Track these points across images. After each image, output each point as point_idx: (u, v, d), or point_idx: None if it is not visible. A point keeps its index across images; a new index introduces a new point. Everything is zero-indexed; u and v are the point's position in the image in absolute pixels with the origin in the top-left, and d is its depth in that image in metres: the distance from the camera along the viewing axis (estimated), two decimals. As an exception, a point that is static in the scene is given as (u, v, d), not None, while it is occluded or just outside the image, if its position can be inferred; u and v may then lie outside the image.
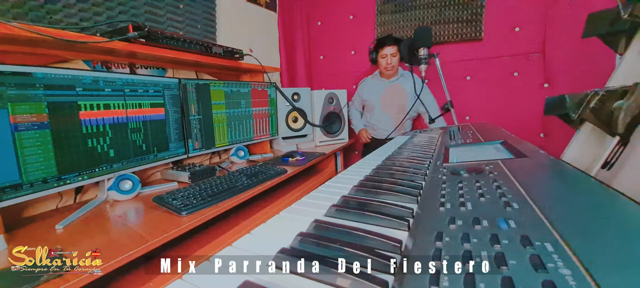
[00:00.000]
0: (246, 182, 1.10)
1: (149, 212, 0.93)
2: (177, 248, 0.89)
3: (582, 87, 1.94)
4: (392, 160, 0.64)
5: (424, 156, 0.63)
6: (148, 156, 1.16)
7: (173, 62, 1.38)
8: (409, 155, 0.65)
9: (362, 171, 0.60)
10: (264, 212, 1.20)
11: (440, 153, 0.59)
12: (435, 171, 0.49)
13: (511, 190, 0.36)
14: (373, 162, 0.66)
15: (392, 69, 1.97)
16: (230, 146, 1.54)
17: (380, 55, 1.98)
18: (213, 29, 1.66)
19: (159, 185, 1.20)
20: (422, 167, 0.52)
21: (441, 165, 0.52)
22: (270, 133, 1.80)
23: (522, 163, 0.46)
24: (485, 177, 0.42)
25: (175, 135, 1.26)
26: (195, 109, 1.34)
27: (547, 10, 1.98)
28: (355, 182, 0.52)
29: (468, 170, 0.45)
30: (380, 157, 0.73)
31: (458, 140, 0.74)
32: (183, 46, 1.12)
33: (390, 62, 1.94)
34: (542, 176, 0.42)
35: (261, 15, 2.17)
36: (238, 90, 1.54)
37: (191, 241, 0.96)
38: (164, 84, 1.21)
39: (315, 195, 0.52)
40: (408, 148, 0.75)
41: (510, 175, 0.40)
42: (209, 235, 0.99)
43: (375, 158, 0.72)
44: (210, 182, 1.10)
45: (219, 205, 0.94)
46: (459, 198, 0.36)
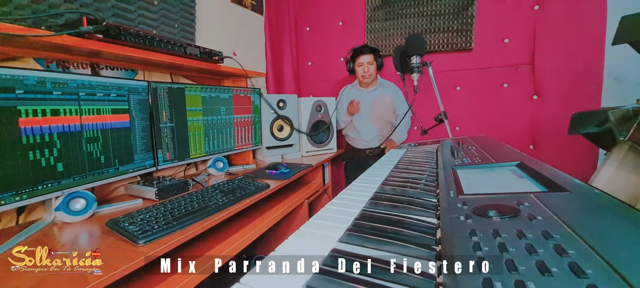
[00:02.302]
0: (221, 199, 0.97)
1: (99, 240, 0.78)
2: (131, 284, 0.74)
3: (571, 100, 1.95)
4: (391, 183, 0.54)
5: (428, 180, 0.53)
6: (107, 170, 1.01)
7: (143, 63, 1.24)
8: (410, 178, 0.55)
9: (355, 199, 0.49)
10: (241, 234, 1.07)
11: (448, 177, 0.50)
12: (452, 207, 0.38)
13: (581, 254, 0.25)
14: (367, 186, 0.55)
15: (370, 77, 1.94)
16: (207, 157, 1.40)
17: (356, 64, 1.95)
18: (192, 29, 1.53)
19: (121, 203, 1.04)
20: (431, 198, 0.42)
21: (456, 198, 0.41)
22: (254, 142, 1.67)
23: (566, 201, 0.36)
24: (527, 224, 0.30)
25: (142, 146, 1.12)
26: (167, 115, 1.20)
27: (537, 22, 1.98)
28: (347, 221, 0.41)
29: (499, 211, 0.34)
30: (375, 177, 0.63)
31: (462, 157, 0.65)
32: (151, 45, 0.98)
33: (368, 70, 1.91)
34: (610, 226, 0.31)
35: (246, 18, 2.06)
36: (218, 96, 1.41)
37: (151, 275, 0.81)
38: (129, 87, 1.06)
39: (292, 246, 0.40)
40: (406, 170, 0.65)
41: (563, 223, 0.30)
42: (175, 264, 0.85)
43: (369, 180, 0.61)
44: (179, 200, 0.96)
45: (186, 230, 0.80)
46: (503, 265, 0.25)
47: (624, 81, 1.86)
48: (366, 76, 1.92)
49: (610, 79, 1.87)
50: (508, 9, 2.04)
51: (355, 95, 2.06)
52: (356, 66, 1.96)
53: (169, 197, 1.06)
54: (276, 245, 0.41)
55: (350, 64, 2.01)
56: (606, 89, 1.87)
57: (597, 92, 1.88)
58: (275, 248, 0.39)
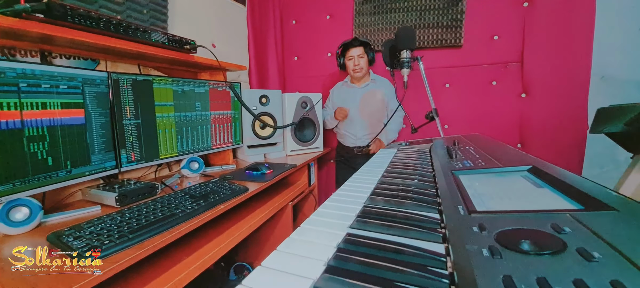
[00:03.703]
0: (190, 206, 0.86)
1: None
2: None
3: (559, 99, 1.94)
4: (383, 192, 0.45)
5: (426, 188, 0.44)
6: (57, 173, 0.87)
7: (104, 52, 1.10)
8: (404, 186, 0.46)
9: (338, 215, 0.40)
10: (215, 243, 0.96)
11: (450, 185, 0.41)
12: (464, 231, 0.28)
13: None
14: (354, 197, 0.46)
15: (361, 71, 1.86)
16: (181, 157, 1.27)
17: (346, 58, 1.87)
18: (164, 16, 1.39)
19: (75, 211, 0.91)
20: (432, 212, 0.34)
21: (468, 216, 0.32)
22: (233, 141, 1.55)
23: (618, 225, 0.27)
24: (583, 264, 0.21)
25: (100, 145, 0.98)
26: (132, 111, 1.07)
27: (526, 19, 1.96)
28: (326, 251, 0.31)
29: (536, 241, 0.25)
30: (364, 185, 0.53)
31: (461, 160, 0.57)
32: (107, 29, 0.85)
33: (358, 63, 1.83)
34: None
35: (227, 7, 1.92)
36: (192, 90, 1.29)
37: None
38: (84, 78, 0.93)
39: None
40: (399, 174, 0.56)
41: (632, 263, 0.21)
42: (132, 283, 0.73)
43: (357, 188, 0.52)
44: (141, 207, 0.84)
45: (145, 244, 0.68)
46: None
47: (610, 80, 1.86)
48: (357, 70, 1.83)
49: (597, 77, 1.87)
50: (498, 6, 2.00)
51: (346, 92, 1.97)
52: (346, 60, 1.87)
53: (131, 204, 0.93)
54: (258, 251, 0.31)
55: (340, 59, 1.93)
56: (593, 88, 1.87)
57: (584, 91, 1.88)
58: (256, 255, 0.29)
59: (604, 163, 2.01)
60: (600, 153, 1.97)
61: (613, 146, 1.94)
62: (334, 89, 2.07)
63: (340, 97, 2.00)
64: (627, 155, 1.97)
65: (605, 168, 2.01)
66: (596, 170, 2.00)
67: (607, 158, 1.98)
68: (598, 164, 2.00)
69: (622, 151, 1.96)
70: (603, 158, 1.99)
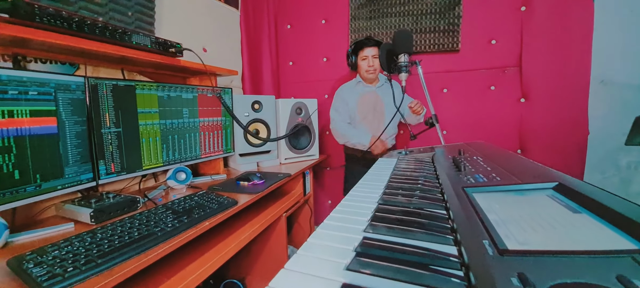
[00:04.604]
0: (171, 224, 0.78)
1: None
2: None
3: (559, 103, 1.90)
4: (385, 217, 0.38)
5: (433, 208, 0.38)
6: (25, 188, 0.79)
7: (83, 56, 1.03)
8: (410, 209, 0.40)
9: (339, 252, 0.33)
10: (201, 262, 0.88)
11: (466, 209, 0.35)
12: (497, 282, 0.22)
13: None
14: (353, 222, 0.39)
15: (374, 72, 1.77)
16: (167, 167, 1.20)
17: (360, 58, 1.77)
18: (151, 19, 1.33)
19: (46, 229, 0.83)
20: (448, 246, 0.27)
21: (498, 257, 0.25)
22: (224, 149, 1.48)
23: None
24: None
25: (75, 156, 0.90)
26: (112, 118, 0.99)
27: (523, 23, 1.93)
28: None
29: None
30: (364, 203, 0.47)
31: (471, 173, 0.50)
32: (81, 30, 0.78)
33: (372, 64, 1.74)
34: None
35: (219, 11, 1.86)
36: (178, 96, 1.21)
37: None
38: (57, 83, 0.85)
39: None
40: (402, 191, 0.49)
41: None
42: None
43: (356, 208, 0.45)
44: (118, 224, 0.77)
45: (115, 270, 0.61)
46: None
47: (609, 84, 1.83)
48: (371, 71, 1.74)
49: (597, 82, 1.84)
50: (495, 10, 1.98)
51: (361, 91, 1.81)
52: (360, 60, 1.77)
53: (108, 220, 0.85)
54: (250, 266, 0.24)
55: (352, 58, 1.82)
56: (593, 92, 1.84)
57: (584, 95, 1.84)
58: (248, 269, 0.21)
59: (606, 169, 1.97)
60: (602, 159, 1.93)
61: (615, 151, 1.91)
62: (345, 91, 1.86)
63: (355, 97, 1.82)
64: (629, 160, 1.93)
65: (607, 174, 1.97)
66: (598, 176, 1.96)
67: (609, 164, 1.94)
68: (600, 170, 1.96)
69: (624, 156, 1.93)
70: (605, 164, 1.95)
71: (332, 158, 2.34)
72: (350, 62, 1.83)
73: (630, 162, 1.89)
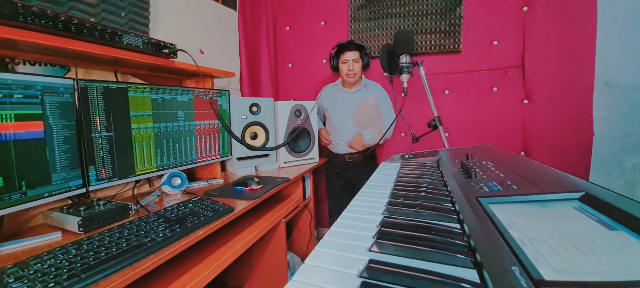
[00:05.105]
0: (162, 233, 0.74)
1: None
2: None
3: (563, 105, 1.87)
4: (393, 237, 0.34)
5: (446, 221, 0.34)
6: (9, 195, 0.75)
7: (74, 58, 0.99)
8: (421, 223, 0.35)
9: (340, 277, 0.29)
10: (197, 271, 0.84)
11: (485, 226, 0.31)
12: None
13: None
14: (356, 242, 0.35)
15: (354, 77, 1.77)
16: (161, 172, 1.16)
17: (341, 61, 1.79)
18: (145, 19, 1.29)
19: (33, 239, 0.78)
20: (469, 273, 0.23)
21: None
22: (221, 153, 1.44)
23: None
24: None
25: (64, 162, 0.86)
26: (103, 122, 0.95)
27: (526, 24, 1.90)
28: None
29: None
30: (368, 216, 0.43)
31: (483, 180, 0.46)
32: (67, 29, 0.74)
33: (352, 68, 1.74)
34: None
35: (216, 13, 1.83)
36: (173, 99, 1.18)
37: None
38: (44, 86, 0.81)
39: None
40: (410, 201, 0.45)
41: None
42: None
43: (359, 221, 0.41)
44: (105, 235, 0.72)
45: (100, 285, 0.56)
46: None
47: (614, 85, 1.80)
48: (351, 75, 1.75)
49: (601, 83, 1.80)
50: (496, 10, 1.95)
51: (337, 96, 1.88)
52: (340, 63, 1.79)
53: (98, 229, 0.81)
54: (249, 273, 0.20)
55: (333, 61, 1.84)
56: (597, 93, 1.81)
57: (588, 96, 1.81)
58: (246, 277, 0.17)
59: (610, 171, 1.93)
60: (606, 161, 1.90)
61: (619, 153, 1.87)
62: (323, 91, 1.97)
63: (331, 100, 1.90)
64: (633, 162, 1.90)
65: (611, 176, 1.93)
66: (602, 178, 1.92)
67: (613, 166, 1.91)
68: (604, 172, 1.93)
69: (629, 158, 1.89)
70: (609, 166, 1.92)
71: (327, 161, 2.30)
72: (332, 64, 1.86)
73: (635, 164, 1.85)
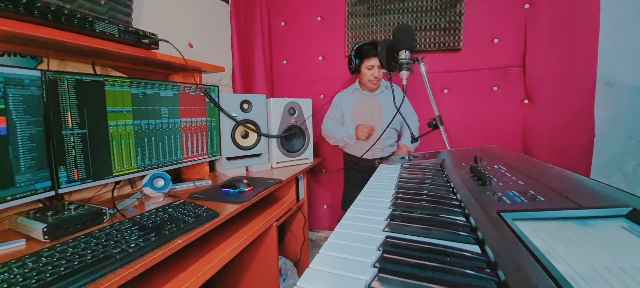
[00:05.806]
0: (135, 243, 0.66)
1: None
2: None
3: (564, 105, 1.82)
4: (399, 263, 0.27)
5: (462, 240, 0.27)
6: (-39, 199, 0.67)
7: (44, 47, 0.90)
8: (432, 247, 0.28)
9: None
10: (178, 281, 0.76)
11: (512, 246, 0.24)
12: None
13: None
14: (354, 260, 0.29)
15: (377, 83, 1.68)
16: (142, 172, 1.07)
17: (365, 66, 1.65)
18: (128, 9, 1.21)
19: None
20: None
21: None
22: (210, 152, 1.36)
23: None
24: None
25: (29, 162, 0.78)
26: (75, 118, 0.87)
27: (527, 22, 1.85)
28: None
29: None
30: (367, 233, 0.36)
31: (501, 189, 0.40)
32: (28, 13, 0.66)
33: (377, 75, 1.63)
34: None
35: (207, 5, 1.75)
36: (156, 94, 1.09)
37: None
38: (6, 77, 0.73)
39: None
40: (417, 215, 0.38)
41: None
42: None
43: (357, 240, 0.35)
44: (69, 244, 0.64)
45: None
46: None
47: (616, 86, 1.75)
48: (374, 81, 1.65)
49: (602, 83, 1.76)
50: (498, 8, 1.90)
51: (363, 100, 1.74)
52: (365, 68, 1.66)
53: (66, 236, 0.73)
54: (238, 280, 0.13)
55: (355, 62, 1.69)
56: (599, 94, 1.76)
57: (590, 97, 1.77)
58: (235, 284, 0.11)
59: (611, 174, 1.90)
60: (607, 163, 1.86)
61: (621, 155, 1.83)
62: (340, 99, 1.81)
63: (356, 106, 1.74)
64: (634, 164, 1.86)
65: (612, 179, 1.89)
66: (603, 180, 1.89)
67: (614, 168, 1.87)
68: (605, 174, 1.89)
69: (630, 160, 1.86)
70: (610, 168, 1.88)
71: (328, 162, 2.23)
72: (353, 66, 1.71)
73: (636, 166, 1.81)
